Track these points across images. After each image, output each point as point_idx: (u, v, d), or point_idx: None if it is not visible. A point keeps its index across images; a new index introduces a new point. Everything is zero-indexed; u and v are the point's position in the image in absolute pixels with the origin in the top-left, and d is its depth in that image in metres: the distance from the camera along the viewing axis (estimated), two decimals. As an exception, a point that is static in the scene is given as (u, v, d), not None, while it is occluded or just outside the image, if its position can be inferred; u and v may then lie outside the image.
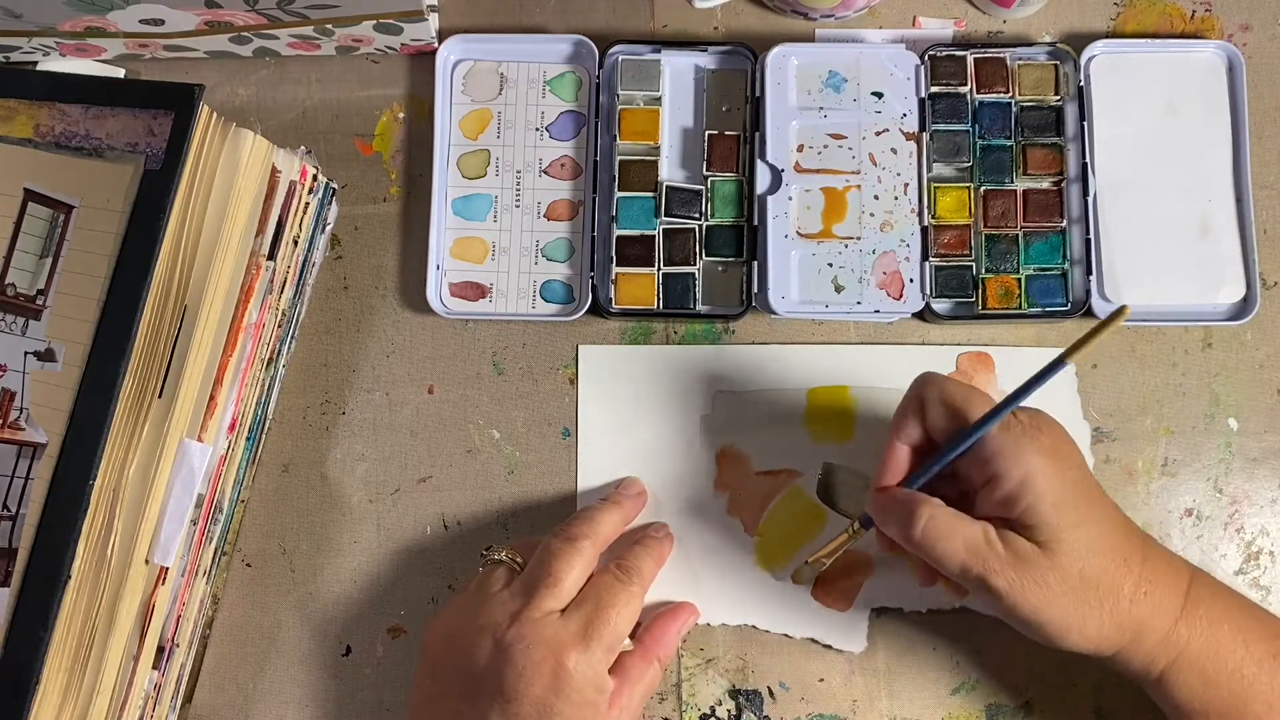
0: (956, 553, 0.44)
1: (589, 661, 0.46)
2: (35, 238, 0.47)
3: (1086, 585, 0.44)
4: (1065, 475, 0.44)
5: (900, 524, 0.45)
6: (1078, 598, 0.44)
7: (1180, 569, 0.47)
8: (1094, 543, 0.44)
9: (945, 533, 0.44)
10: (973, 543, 0.44)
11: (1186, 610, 0.45)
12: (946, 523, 0.44)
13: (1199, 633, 0.45)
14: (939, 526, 0.44)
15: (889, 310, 0.55)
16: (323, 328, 0.57)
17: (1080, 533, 0.44)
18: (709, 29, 0.59)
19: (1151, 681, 0.47)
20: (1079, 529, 0.44)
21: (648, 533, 0.53)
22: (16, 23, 0.52)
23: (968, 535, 0.44)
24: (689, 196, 0.57)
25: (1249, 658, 0.46)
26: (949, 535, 0.44)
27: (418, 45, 0.58)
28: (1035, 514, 0.44)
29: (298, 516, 0.56)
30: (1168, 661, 0.46)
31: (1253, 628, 0.46)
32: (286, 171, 0.50)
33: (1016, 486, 0.44)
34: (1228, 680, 0.46)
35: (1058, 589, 0.44)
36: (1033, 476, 0.43)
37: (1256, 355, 0.57)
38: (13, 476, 0.46)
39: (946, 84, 0.57)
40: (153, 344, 0.46)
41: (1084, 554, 0.44)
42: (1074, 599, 0.44)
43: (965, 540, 0.44)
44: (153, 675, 0.49)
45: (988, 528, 0.44)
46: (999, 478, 0.44)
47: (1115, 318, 0.40)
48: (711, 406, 0.56)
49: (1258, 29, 0.59)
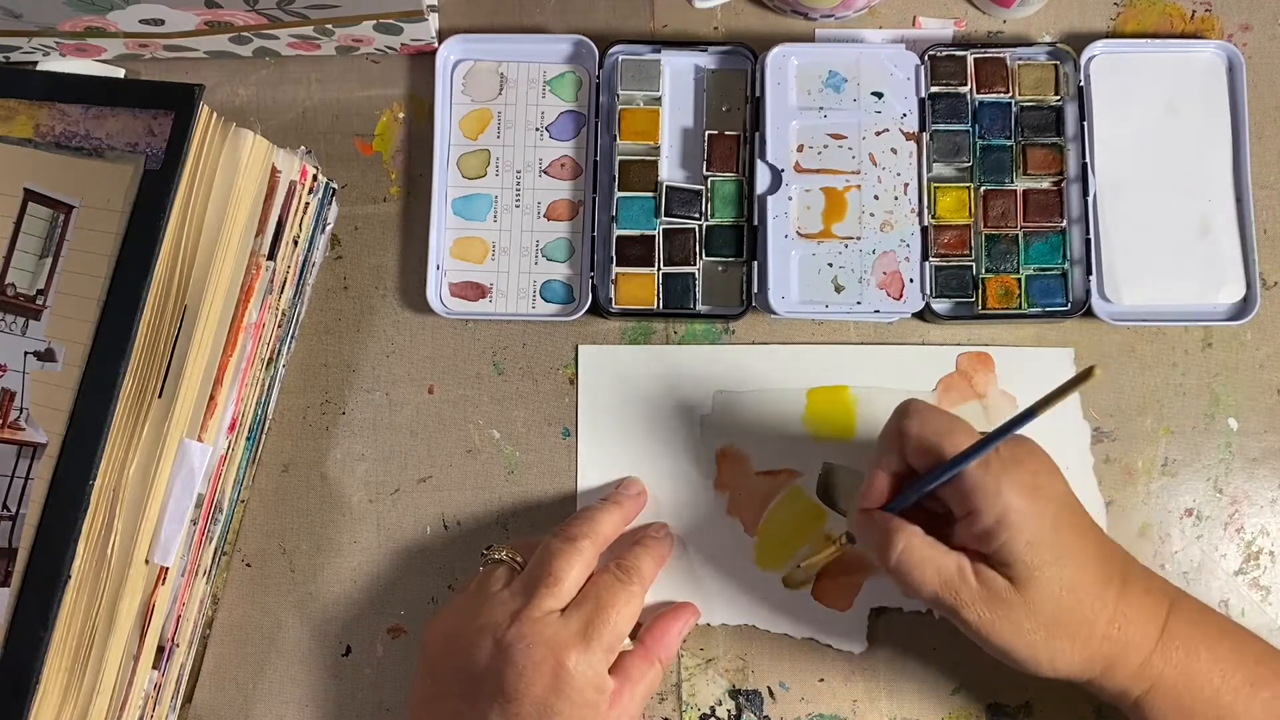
0: (929, 582, 0.44)
1: (589, 661, 0.46)
2: (35, 238, 0.48)
3: (1058, 622, 0.44)
4: (1043, 511, 0.44)
5: (878, 548, 0.46)
6: (1048, 633, 0.44)
7: (1159, 599, 0.46)
8: (1067, 580, 0.44)
9: (919, 562, 0.45)
10: (946, 574, 0.44)
11: (1162, 642, 0.45)
12: (921, 552, 0.45)
13: (1173, 664, 0.45)
14: (913, 555, 0.45)
15: (889, 310, 0.55)
16: (323, 328, 0.57)
17: (1053, 571, 0.44)
18: (709, 29, 0.59)
19: (1127, 706, 0.47)
20: (1052, 567, 0.44)
21: (648, 533, 0.53)
22: (16, 23, 0.52)
23: (941, 566, 0.44)
24: (689, 196, 0.57)
25: (1225, 686, 0.45)
26: (922, 565, 0.44)
27: (418, 45, 0.58)
28: (1009, 552, 0.43)
29: (298, 516, 0.56)
30: (1141, 691, 0.46)
31: (1230, 656, 0.46)
32: (286, 171, 0.50)
33: (992, 524, 0.43)
34: (1204, 708, 0.46)
35: (1028, 625, 0.44)
36: (1008, 515, 0.43)
37: (1256, 355, 0.57)
38: (13, 476, 0.46)
39: (946, 84, 0.57)
40: (153, 344, 0.46)
41: (1056, 592, 0.44)
42: (1045, 634, 0.44)
43: (939, 571, 0.44)
44: (153, 675, 0.49)
45: (962, 561, 0.45)
46: (976, 514, 0.44)
47: (1085, 377, 0.40)
48: (711, 406, 0.56)
49: (1258, 29, 0.59)
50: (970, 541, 0.45)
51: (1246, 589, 0.55)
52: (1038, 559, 0.43)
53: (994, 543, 0.44)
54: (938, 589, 0.44)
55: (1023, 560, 0.43)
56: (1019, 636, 0.44)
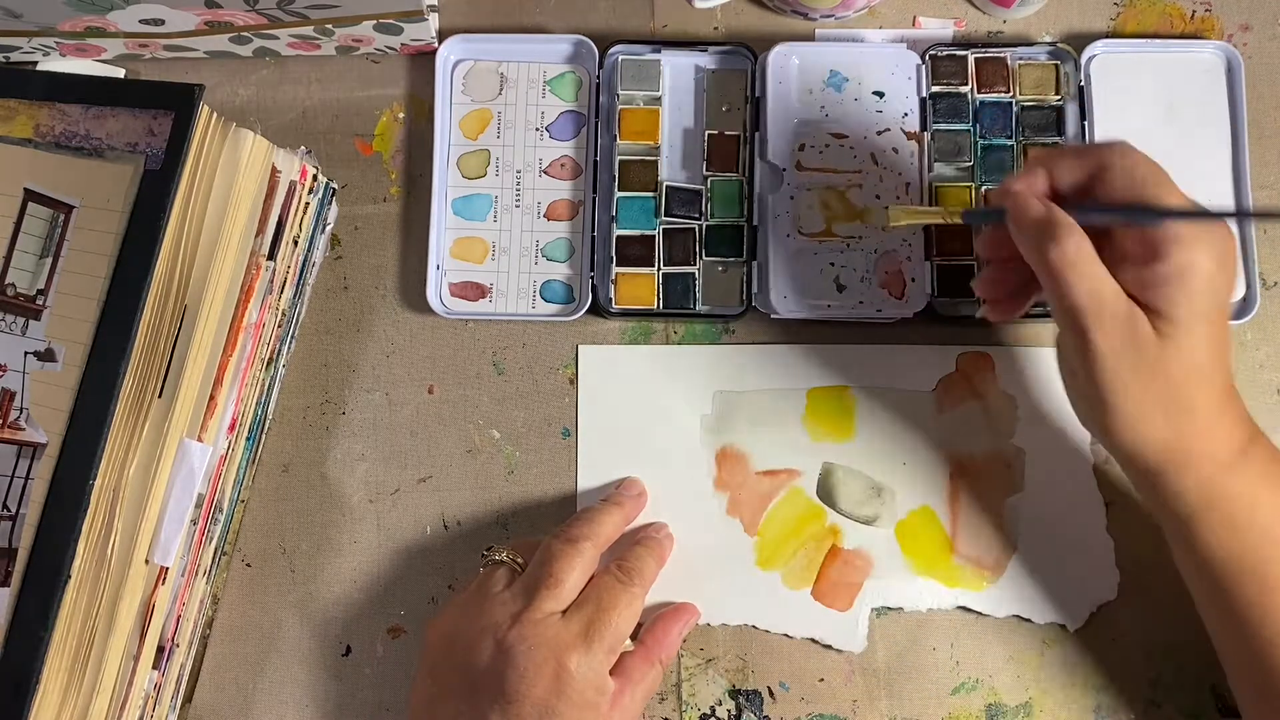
0: (1080, 292, 0.42)
1: (590, 663, 0.46)
2: (35, 238, 0.47)
3: (1171, 391, 0.43)
4: (1216, 287, 0.43)
5: (1039, 238, 0.43)
6: (1156, 398, 0.43)
7: (1248, 425, 0.46)
8: (1200, 361, 0.43)
9: (1082, 270, 0.42)
10: (1101, 292, 0.42)
11: (1240, 460, 0.45)
12: (1088, 260, 0.42)
13: (1243, 485, 0.45)
14: (1081, 259, 0.42)
15: (891, 310, 0.55)
16: (323, 328, 0.57)
17: (1198, 345, 0.43)
18: (709, 29, 0.59)
19: (1177, 518, 0.46)
20: (1199, 341, 0.43)
21: (648, 533, 0.53)
22: (16, 23, 0.52)
23: (1101, 282, 0.42)
24: (689, 196, 0.56)
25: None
26: (1082, 270, 0.42)
27: (418, 45, 0.58)
28: (1173, 305, 0.42)
29: (298, 516, 0.56)
30: (1201, 501, 0.45)
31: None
32: (286, 171, 0.50)
33: (1173, 272, 0.42)
34: (1256, 538, 0.45)
35: (1145, 380, 0.43)
36: (1191, 272, 0.42)
37: (1256, 355, 0.57)
38: (13, 476, 0.46)
39: (947, 84, 0.57)
40: (153, 344, 0.46)
41: (1187, 365, 0.43)
42: (1153, 397, 0.43)
43: (1095, 285, 0.42)
44: (153, 675, 0.49)
45: (1119, 289, 0.43)
46: (1160, 256, 0.42)
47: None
48: (711, 406, 0.56)
49: (1258, 29, 0.59)
50: (1136, 284, 0.43)
51: (1247, 589, 0.55)
52: (1192, 327, 0.42)
53: (1162, 291, 0.42)
54: (1086, 300, 0.42)
55: (1180, 320, 0.42)
56: (1128, 386, 0.43)
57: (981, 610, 0.54)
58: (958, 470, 0.55)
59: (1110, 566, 0.54)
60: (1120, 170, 0.43)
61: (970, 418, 0.56)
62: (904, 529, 0.55)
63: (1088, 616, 0.54)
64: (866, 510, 0.55)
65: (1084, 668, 0.54)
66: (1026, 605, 0.54)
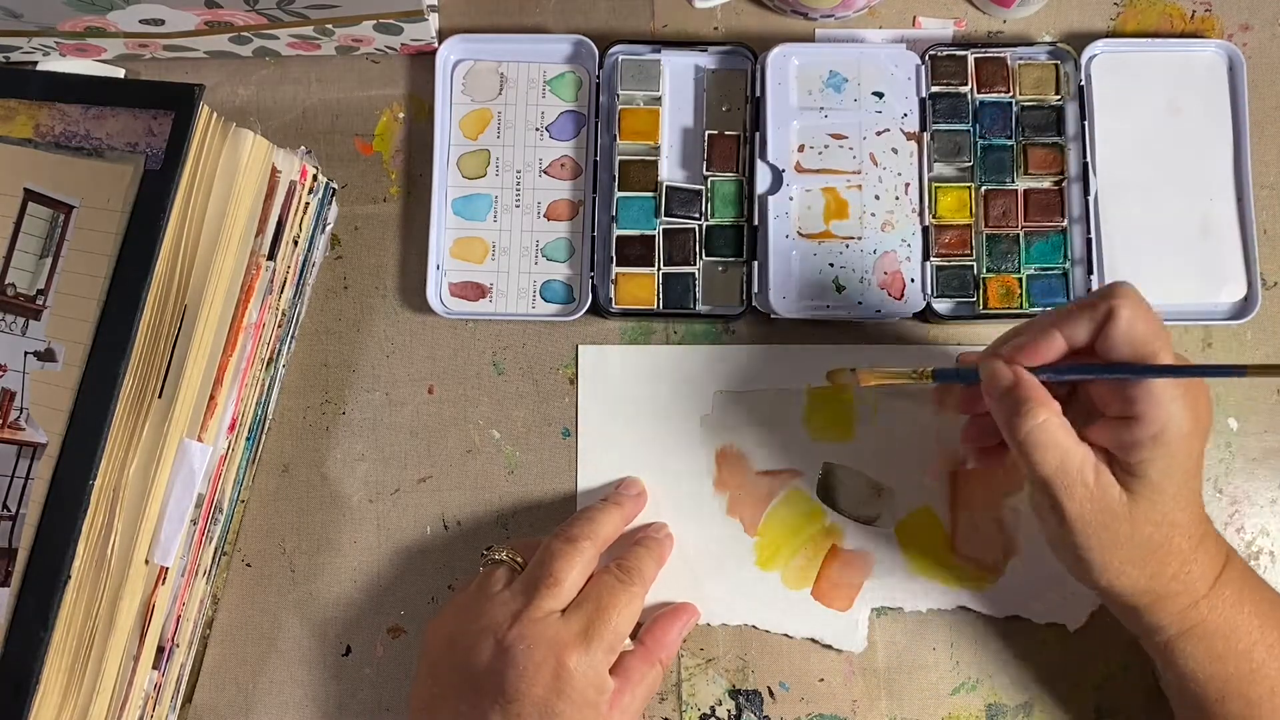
0: (1049, 465, 0.43)
1: (590, 662, 0.46)
2: (35, 238, 0.47)
3: (1144, 547, 0.44)
4: (1192, 447, 0.43)
5: (1010, 412, 0.44)
6: (1129, 553, 0.44)
7: (1221, 551, 0.47)
8: (1174, 516, 0.44)
9: (1049, 443, 0.43)
10: (1069, 464, 0.43)
11: (1214, 590, 0.46)
12: (1056, 434, 0.43)
13: (1218, 612, 0.46)
14: (1047, 434, 0.43)
15: (890, 310, 0.55)
16: (323, 328, 0.57)
17: (1170, 503, 0.44)
18: (709, 29, 0.59)
19: (1159, 644, 0.47)
20: (1170, 499, 0.44)
21: (648, 533, 0.53)
22: (16, 23, 0.52)
23: (1068, 454, 0.43)
24: (689, 196, 0.56)
25: (1261, 641, 0.46)
26: (1050, 446, 0.43)
27: (418, 45, 0.58)
28: (1147, 468, 0.43)
29: (298, 516, 0.56)
30: (1179, 631, 0.46)
31: (1271, 615, 0.47)
32: (286, 171, 0.50)
33: (1148, 438, 0.43)
34: (1236, 659, 0.46)
35: (1118, 538, 0.44)
36: (1167, 435, 0.42)
37: (1256, 355, 0.57)
38: (13, 476, 0.46)
39: (947, 84, 0.57)
40: (153, 344, 0.46)
41: (1159, 522, 0.44)
42: (1126, 552, 0.44)
43: (1063, 457, 0.43)
44: (153, 675, 0.49)
45: (1088, 457, 0.44)
46: (1138, 420, 0.43)
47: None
48: (711, 406, 0.56)
49: (1258, 29, 0.59)
50: (1106, 441, 0.44)
51: (1247, 589, 0.55)
52: (1165, 486, 0.43)
53: (1138, 454, 0.43)
54: (1054, 474, 0.43)
55: (1152, 482, 0.43)
56: (1103, 544, 0.44)
57: (981, 610, 0.54)
58: (958, 470, 0.55)
59: (1110, 566, 0.54)
60: (1122, 324, 0.43)
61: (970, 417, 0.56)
62: (904, 529, 0.55)
63: (1088, 616, 0.54)
64: (866, 510, 0.55)
65: (1084, 668, 0.54)
66: (1026, 605, 0.54)
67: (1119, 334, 0.43)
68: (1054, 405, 0.44)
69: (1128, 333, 0.43)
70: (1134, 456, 0.43)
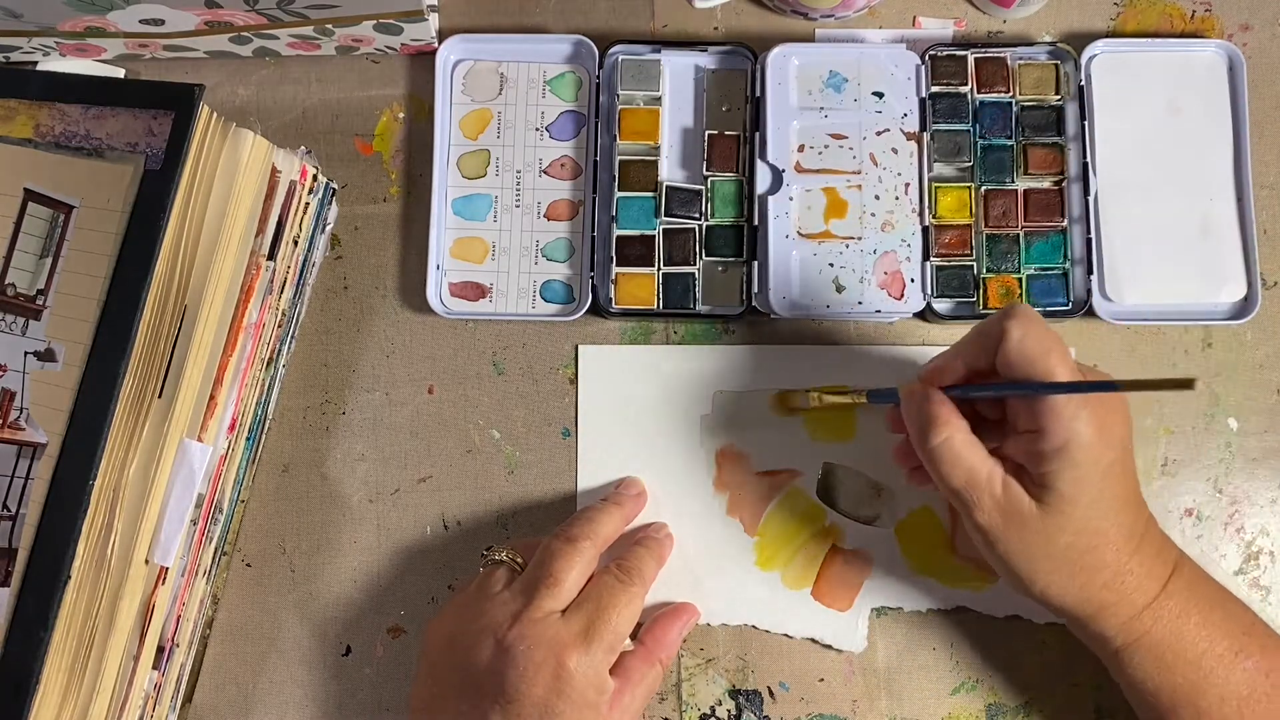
0: (956, 478, 0.45)
1: (590, 662, 0.46)
2: (35, 238, 0.47)
3: (1066, 557, 0.45)
4: (1101, 456, 0.44)
5: (919, 427, 0.46)
6: (1054, 563, 0.45)
7: (1166, 560, 0.47)
8: (1093, 525, 0.44)
9: (954, 458, 0.45)
10: (975, 477, 0.45)
11: (1158, 601, 0.46)
12: (960, 449, 0.45)
13: (1163, 623, 0.46)
14: (952, 449, 0.45)
15: (890, 310, 0.55)
16: (323, 328, 0.57)
17: (1085, 512, 0.44)
18: (709, 29, 0.59)
19: (1108, 654, 0.48)
20: (1085, 509, 0.44)
21: (648, 533, 0.53)
22: (16, 23, 0.52)
23: (973, 468, 0.45)
24: (689, 196, 0.56)
25: (1210, 652, 0.46)
26: (956, 461, 0.45)
27: (418, 45, 0.58)
28: (1055, 480, 0.44)
29: (298, 516, 0.56)
30: (1125, 642, 0.47)
31: (1220, 624, 0.47)
32: (286, 171, 0.50)
33: (1053, 450, 0.43)
34: (1184, 669, 0.46)
35: (1037, 549, 0.45)
36: (1071, 447, 0.43)
37: (1256, 355, 0.57)
38: (13, 476, 0.46)
39: (947, 84, 0.57)
40: (153, 344, 0.46)
41: (1078, 531, 0.44)
42: (1050, 563, 0.45)
43: (970, 472, 0.45)
44: (153, 675, 0.49)
45: (995, 470, 0.45)
46: (1042, 433, 0.43)
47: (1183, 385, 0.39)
48: (711, 406, 0.56)
49: (1258, 29, 0.59)
50: (1019, 455, 0.45)
51: (1246, 589, 0.55)
52: (1077, 496, 0.44)
53: (1044, 466, 0.44)
54: (962, 486, 0.45)
55: (1062, 493, 0.44)
56: (1024, 555, 0.45)
57: (981, 610, 0.54)
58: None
59: (1110, 566, 0.54)
60: (1013, 343, 0.44)
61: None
62: (904, 529, 0.55)
63: (1088, 616, 0.54)
64: (866, 510, 0.55)
65: (1084, 668, 0.54)
66: (1026, 605, 0.54)
67: (1010, 352, 0.44)
68: (959, 422, 0.45)
69: (1018, 350, 0.44)
70: (1041, 468, 0.44)
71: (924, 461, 0.46)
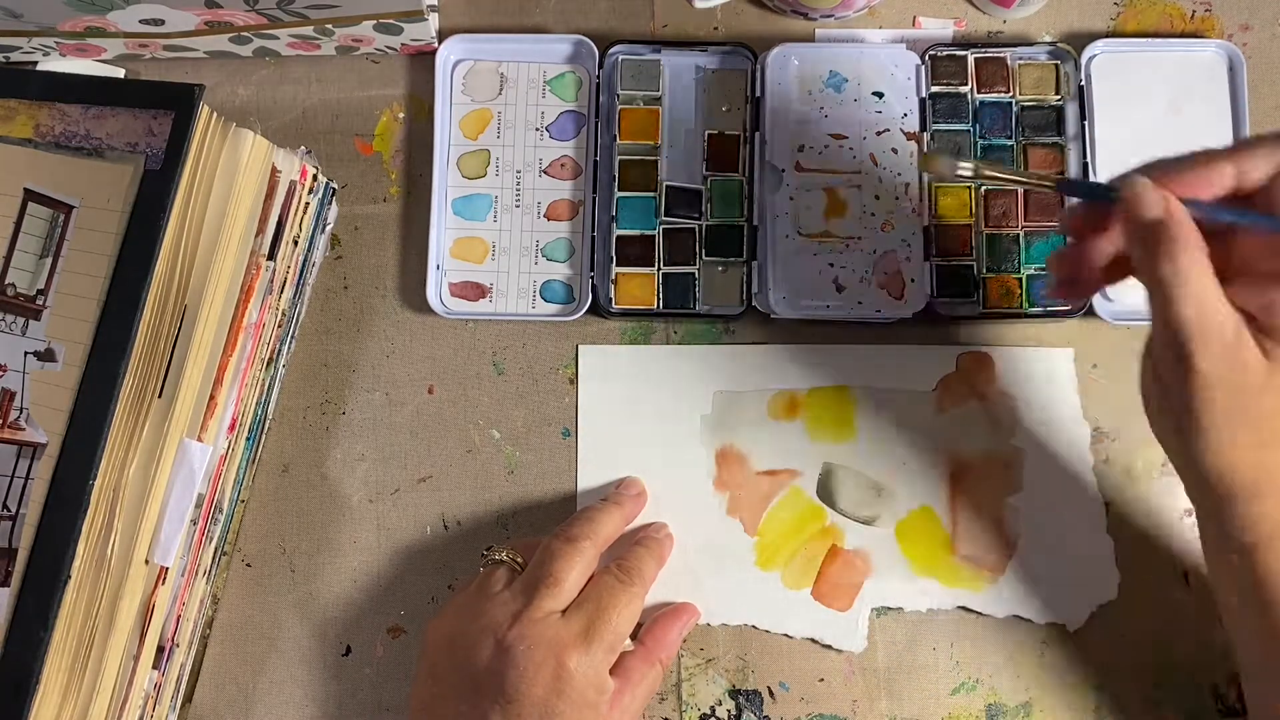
0: (1187, 307, 0.38)
1: (590, 662, 0.46)
2: (35, 238, 0.47)
3: (1268, 419, 0.40)
4: None
5: (1152, 243, 0.39)
6: (1252, 425, 0.40)
7: None
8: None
9: (1193, 285, 0.38)
10: (1209, 313, 0.38)
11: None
12: (1201, 280, 0.38)
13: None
14: (1194, 275, 0.38)
15: (890, 310, 0.55)
16: (323, 328, 0.57)
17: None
18: (709, 29, 0.59)
19: (1245, 548, 0.43)
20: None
21: (648, 533, 0.53)
22: (16, 23, 0.52)
23: (1211, 302, 0.38)
24: (689, 196, 0.57)
25: None
26: (1194, 289, 0.38)
27: (418, 45, 0.58)
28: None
29: (298, 516, 0.56)
30: (1272, 529, 0.42)
31: None
32: (286, 171, 0.50)
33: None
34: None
35: (1242, 406, 0.40)
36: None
37: (1257, 355, 0.56)
38: (13, 476, 0.46)
39: (947, 84, 0.57)
40: (153, 344, 0.46)
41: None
42: (1249, 424, 0.40)
43: (1204, 304, 0.38)
44: (153, 675, 0.49)
45: (1232, 313, 0.39)
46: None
47: None
48: (711, 406, 0.56)
49: (1258, 29, 0.59)
50: (1253, 302, 0.39)
51: (1247, 589, 0.55)
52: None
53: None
54: (1191, 320, 0.38)
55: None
56: (1224, 412, 0.40)
57: (981, 610, 0.54)
58: (958, 470, 0.55)
59: (1110, 566, 0.54)
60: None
61: (970, 418, 0.56)
62: (904, 529, 0.55)
63: (1088, 616, 0.54)
64: (866, 510, 0.55)
65: (1084, 668, 0.54)
66: (1026, 605, 0.54)
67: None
68: (1204, 248, 0.39)
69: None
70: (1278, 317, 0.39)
71: (1149, 284, 0.40)
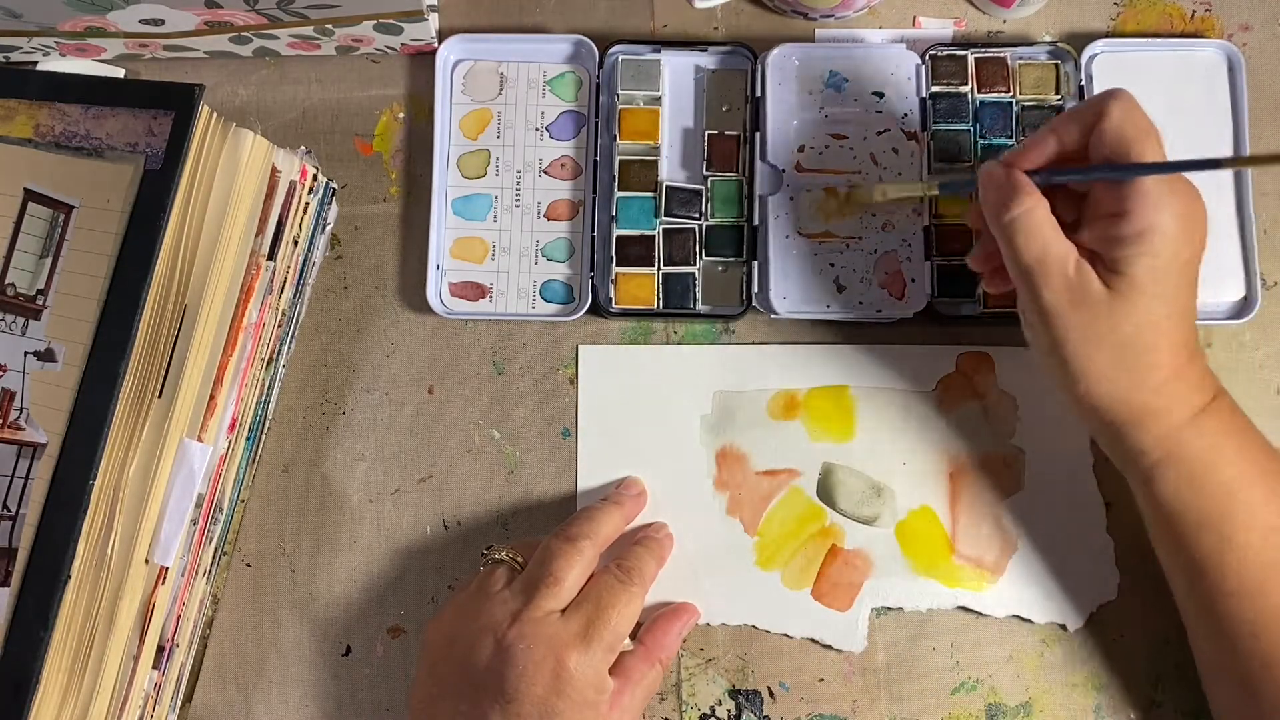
0: (1030, 251, 0.44)
1: (590, 662, 0.46)
2: (35, 238, 0.48)
3: (1127, 348, 0.44)
4: (1180, 252, 0.44)
5: (998, 200, 0.45)
6: (1112, 355, 0.44)
7: (1211, 382, 0.47)
8: (1157, 319, 0.44)
9: (1032, 229, 0.44)
10: (1049, 251, 0.44)
11: (1201, 416, 0.46)
12: (1038, 222, 0.44)
13: (1203, 439, 0.46)
14: (1031, 221, 0.44)
15: (890, 310, 0.55)
16: (323, 328, 0.57)
17: (1154, 304, 0.44)
18: (709, 29, 0.59)
19: (1139, 473, 0.47)
20: (1155, 300, 0.44)
21: (648, 533, 0.53)
22: (16, 23, 0.52)
23: (1050, 243, 0.44)
24: (689, 196, 0.57)
25: (1241, 476, 0.46)
26: (1033, 233, 0.44)
27: (418, 45, 0.58)
28: (1129, 265, 0.43)
29: (298, 516, 0.56)
30: (1161, 455, 0.46)
31: (1255, 454, 0.47)
32: (286, 171, 0.50)
33: (1135, 232, 0.43)
34: (1214, 491, 0.46)
35: (1098, 336, 0.44)
36: (1153, 232, 0.43)
37: (1256, 355, 0.57)
38: (13, 476, 0.46)
39: (947, 84, 0.57)
40: (153, 344, 0.46)
41: (1140, 323, 0.44)
42: (1108, 354, 0.44)
43: (1044, 246, 0.44)
44: (153, 675, 0.49)
45: (1071, 250, 0.44)
46: (1126, 216, 0.43)
47: None
48: (711, 406, 0.56)
49: (1258, 29, 0.59)
50: (1095, 242, 0.45)
51: (1247, 589, 0.55)
52: (1147, 286, 0.44)
53: (1122, 250, 0.43)
54: (1034, 261, 0.44)
55: (1134, 280, 0.44)
56: (1083, 342, 0.45)
57: (981, 610, 0.54)
58: (958, 470, 0.55)
59: (1110, 566, 0.54)
60: (1113, 121, 0.44)
61: (970, 418, 0.56)
62: (904, 529, 0.55)
63: (1088, 616, 0.54)
64: (866, 510, 0.55)
65: (1084, 668, 0.54)
66: (1026, 605, 0.54)
67: (1109, 131, 0.44)
68: (1040, 198, 0.45)
69: (1117, 130, 0.44)
70: (1118, 252, 0.43)
71: (999, 236, 0.45)
